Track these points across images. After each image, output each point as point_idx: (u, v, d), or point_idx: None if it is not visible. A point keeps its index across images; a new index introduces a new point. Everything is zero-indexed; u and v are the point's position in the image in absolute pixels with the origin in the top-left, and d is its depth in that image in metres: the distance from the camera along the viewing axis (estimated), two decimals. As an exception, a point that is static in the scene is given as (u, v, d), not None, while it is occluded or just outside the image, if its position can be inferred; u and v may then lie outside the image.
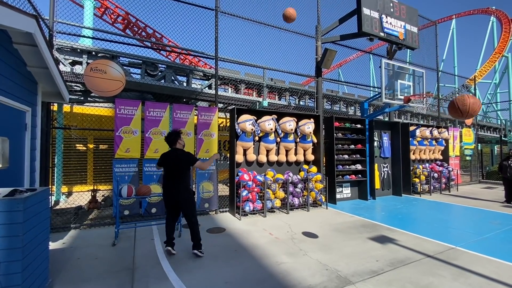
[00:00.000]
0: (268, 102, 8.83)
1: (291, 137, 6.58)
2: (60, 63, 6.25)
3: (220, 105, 9.33)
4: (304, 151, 6.88)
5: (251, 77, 9.73)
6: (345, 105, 12.34)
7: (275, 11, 7.62)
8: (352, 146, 7.74)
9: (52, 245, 3.81)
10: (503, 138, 18.11)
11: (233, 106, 6.56)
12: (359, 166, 7.66)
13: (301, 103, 11.27)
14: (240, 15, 6.46)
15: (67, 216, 5.28)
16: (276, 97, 10.55)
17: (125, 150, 4.94)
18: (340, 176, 7.46)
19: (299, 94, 10.96)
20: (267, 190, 5.81)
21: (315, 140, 6.90)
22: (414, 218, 5.80)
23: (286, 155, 6.68)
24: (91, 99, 8.11)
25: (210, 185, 5.75)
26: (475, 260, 3.48)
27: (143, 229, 4.71)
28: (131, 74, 7.72)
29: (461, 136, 11.09)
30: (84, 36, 6.26)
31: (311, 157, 6.88)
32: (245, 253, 3.69)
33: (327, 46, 6.92)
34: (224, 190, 7.57)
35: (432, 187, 8.78)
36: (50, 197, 3.23)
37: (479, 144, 14.14)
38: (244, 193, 5.60)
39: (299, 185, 6.28)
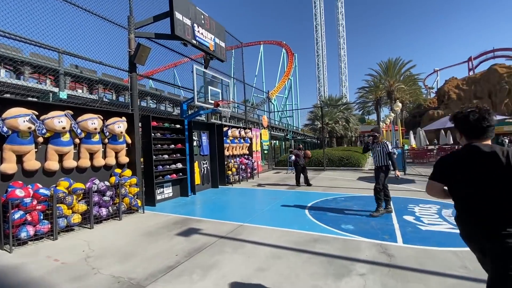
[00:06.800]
0: (68, 94, 7.10)
1: (96, 138, 5.63)
2: None
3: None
4: (116, 153, 6.12)
5: (42, 59, 7.43)
6: (171, 105, 12.41)
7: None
8: (172, 146, 7.85)
9: None
10: (286, 137, 25.75)
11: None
12: (179, 165, 7.90)
13: (120, 99, 10.08)
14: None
15: None
16: (85, 89, 8.76)
17: None
18: (161, 177, 7.35)
19: (116, 89, 9.71)
20: (58, 205, 4.61)
21: (129, 141, 6.32)
22: (222, 206, 6.76)
23: (91, 159, 5.65)
24: None
25: None
26: (252, 231, 4.49)
27: None
28: None
29: (261, 135, 14.38)
30: None
31: (125, 159, 6.25)
32: (-2, 300, 2.67)
33: (142, 42, 6.55)
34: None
35: (241, 177, 10.72)
36: None
37: (273, 141, 19.02)
38: (17, 215, 4.11)
39: (108, 193, 5.50)
